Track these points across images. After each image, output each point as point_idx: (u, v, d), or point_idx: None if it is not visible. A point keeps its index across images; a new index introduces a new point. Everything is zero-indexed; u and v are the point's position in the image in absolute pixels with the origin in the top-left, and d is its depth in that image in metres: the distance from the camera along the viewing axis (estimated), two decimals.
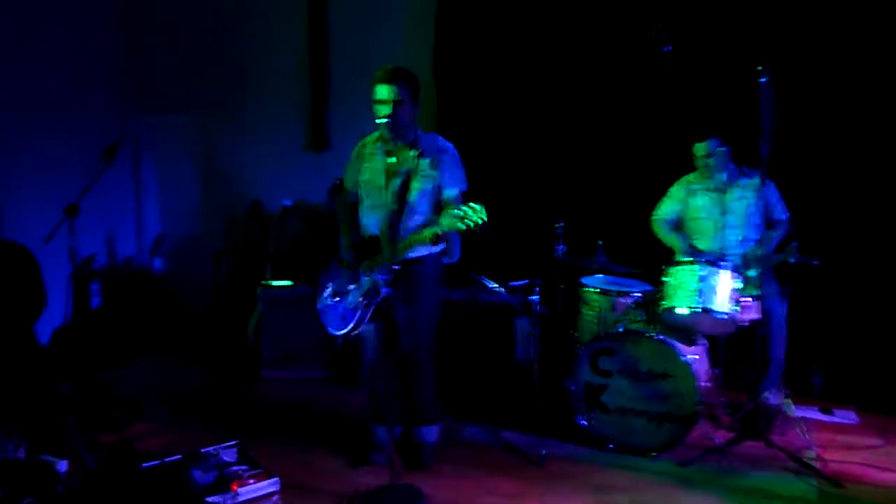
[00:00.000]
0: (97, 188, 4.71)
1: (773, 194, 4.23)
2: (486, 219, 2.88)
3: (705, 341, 3.89)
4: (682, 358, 3.53)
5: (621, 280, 4.38)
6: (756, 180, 4.20)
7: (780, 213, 4.24)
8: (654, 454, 3.61)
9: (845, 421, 4.14)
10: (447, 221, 2.96)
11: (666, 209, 4.43)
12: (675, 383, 3.56)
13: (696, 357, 3.64)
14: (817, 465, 3.49)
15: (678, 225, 4.44)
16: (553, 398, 4.27)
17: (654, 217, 4.47)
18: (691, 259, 3.72)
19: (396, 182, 3.28)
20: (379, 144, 3.38)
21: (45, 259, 4.74)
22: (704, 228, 4.29)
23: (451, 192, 3.38)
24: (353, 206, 3.51)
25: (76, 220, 4.45)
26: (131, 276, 6.27)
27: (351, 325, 3.29)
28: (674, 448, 3.59)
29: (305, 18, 5.83)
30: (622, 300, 4.16)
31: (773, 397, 4.07)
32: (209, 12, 6.01)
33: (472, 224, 2.87)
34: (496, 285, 4.27)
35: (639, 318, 3.82)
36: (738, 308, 3.56)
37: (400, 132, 3.29)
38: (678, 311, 3.60)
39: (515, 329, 4.94)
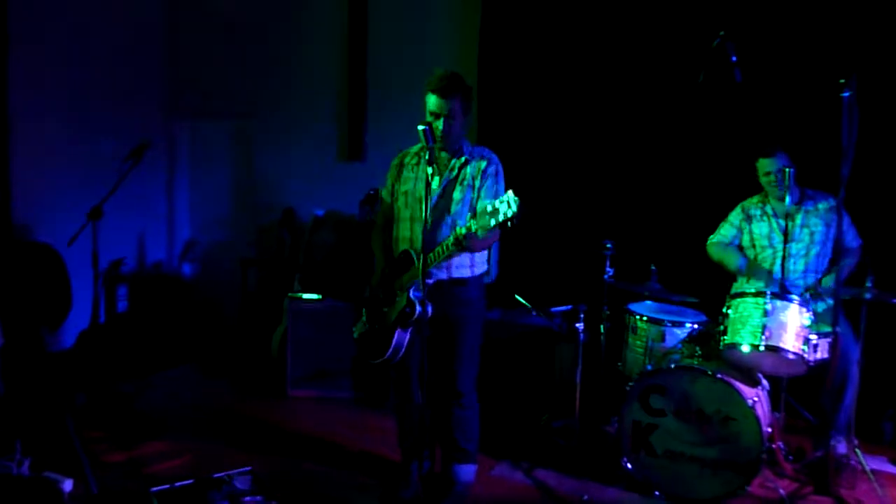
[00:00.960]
0: (130, 191, 4.56)
1: (844, 219, 3.85)
2: (517, 210, 2.55)
3: (767, 382, 3.53)
4: (746, 401, 3.18)
5: (672, 308, 4.05)
6: (822, 204, 3.86)
7: (852, 240, 3.87)
8: None
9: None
10: (479, 219, 2.65)
11: (723, 235, 4.09)
12: (735, 428, 3.21)
13: (758, 399, 3.28)
14: None
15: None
16: (595, 435, 3.95)
17: (708, 243, 4.13)
18: (755, 290, 3.37)
19: (437, 192, 3.04)
20: (423, 153, 3.12)
21: (74, 261, 4.61)
22: (766, 257, 3.94)
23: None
24: (389, 221, 3.26)
25: (106, 223, 4.30)
26: (160, 281, 6.12)
27: (390, 351, 3.03)
28: (730, 499, 3.23)
29: (345, 26, 5.64)
30: (674, 330, 3.84)
31: (840, 446, 3.68)
32: (249, 18, 5.87)
33: (505, 217, 2.55)
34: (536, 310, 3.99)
35: (696, 353, 3.48)
36: (806, 347, 3.20)
37: (452, 143, 3.08)
38: (741, 348, 3.25)
39: (556, 356, 4.63)
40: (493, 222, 2.57)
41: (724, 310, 3.40)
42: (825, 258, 3.88)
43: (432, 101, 3.00)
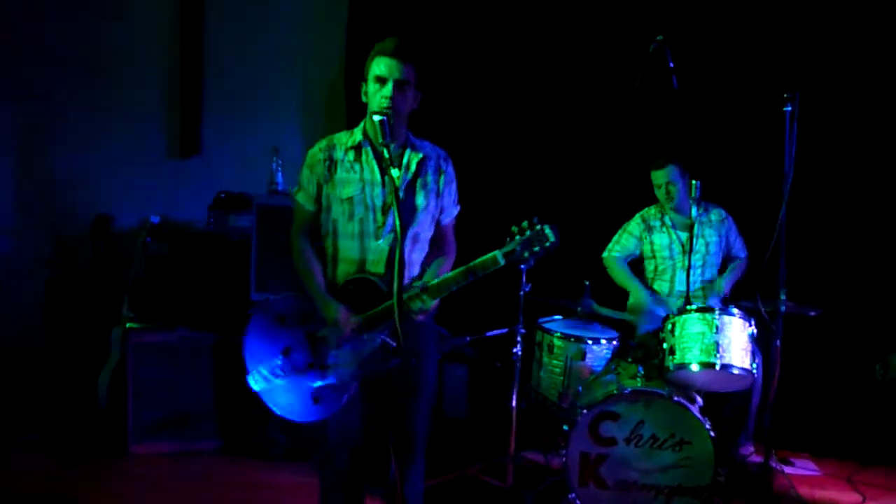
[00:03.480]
0: None
1: (733, 231, 3.99)
2: (556, 241, 2.23)
3: (701, 399, 3.47)
4: (703, 423, 3.06)
5: (579, 324, 3.84)
6: (715, 215, 3.96)
7: (740, 250, 4.01)
8: None
9: (808, 472, 3.95)
10: (511, 248, 2.23)
11: (623, 246, 4.02)
12: (690, 451, 3.08)
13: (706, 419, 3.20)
14: None
15: (633, 263, 4.05)
16: (524, 468, 3.61)
17: (607, 255, 4.04)
18: (698, 307, 3.28)
19: (395, 199, 2.37)
20: (367, 148, 2.46)
21: None
22: (666, 268, 3.94)
23: (451, 214, 2.60)
24: (316, 234, 2.56)
25: None
26: None
27: (342, 405, 2.38)
28: None
29: None
30: (593, 348, 3.66)
31: (747, 451, 3.80)
32: None
33: (544, 248, 2.21)
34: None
35: (638, 374, 3.30)
36: (753, 361, 3.18)
37: (397, 129, 2.41)
38: (691, 367, 3.14)
39: (443, 378, 4.24)
40: (525, 255, 2.22)
41: (666, 325, 3.26)
42: (717, 268, 3.98)
43: (383, 63, 2.36)
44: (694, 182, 3.80)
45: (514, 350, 3.37)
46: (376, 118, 2.34)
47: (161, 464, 3.67)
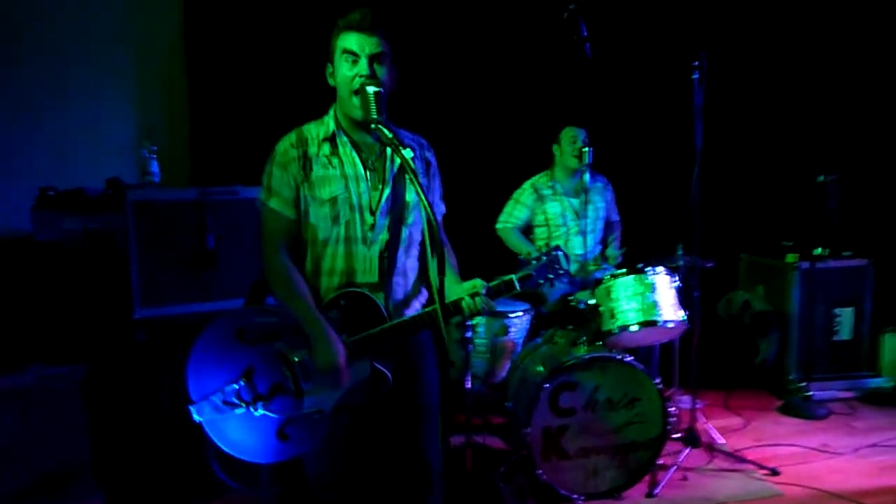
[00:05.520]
0: None
1: (612, 197, 4.21)
2: (568, 269, 2.25)
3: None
4: (652, 380, 3.19)
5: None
6: (599, 183, 4.13)
7: (614, 214, 4.25)
8: (623, 491, 3.20)
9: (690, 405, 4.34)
10: (526, 273, 2.17)
11: (516, 217, 4.05)
12: (641, 406, 3.19)
13: None
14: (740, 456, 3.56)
15: (526, 232, 4.09)
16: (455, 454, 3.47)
17: (501, 225, 4.05)
18: (626, 270, 3.38)
19: (385, 196, 2.10)
20: (343, 138, 2.11)
21: None
22: (560, 235, 4.03)
23: (441, 211, 2.34)
24: (296, 243, 2.14)
25: None
26: None
27: (315, 443, 2.04)
28: (642, 477, 3.23)
29: None
30: (514, 321, 3.64)
31: None
32: None
33: (557, 275, 2.21)
34: None
35: (581, 340, 3.32)
36: (682, 312, 3.37)
37: (377, 114, 2.03)
38: (632, 328, 3.24)
39: None
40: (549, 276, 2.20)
41: (598, 290, 3.33)
42: (602, 232, 4.17)
43: (352, 38, 2.02)
44: (585, 149, 3.92)
45: (466, 335, 3.20)
46: (370, 89, 2.01)
47: None
